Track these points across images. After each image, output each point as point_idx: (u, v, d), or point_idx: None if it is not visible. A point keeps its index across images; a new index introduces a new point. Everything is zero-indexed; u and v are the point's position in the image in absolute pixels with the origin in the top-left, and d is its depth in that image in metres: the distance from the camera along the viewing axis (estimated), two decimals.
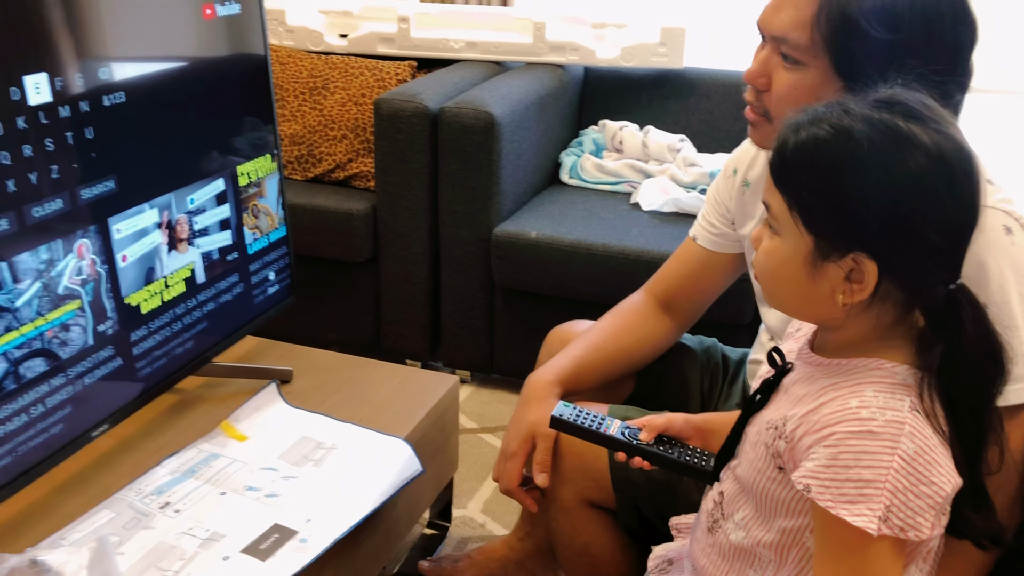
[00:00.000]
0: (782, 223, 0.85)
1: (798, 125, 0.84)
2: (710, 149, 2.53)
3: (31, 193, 1.15)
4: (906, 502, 0.79)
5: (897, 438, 0.80)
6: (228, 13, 1.46)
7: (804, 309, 0.89)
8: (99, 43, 1.24)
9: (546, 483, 1.24)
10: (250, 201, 1.56)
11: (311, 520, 1.25)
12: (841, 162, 0.80)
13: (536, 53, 2.51)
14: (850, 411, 0.82)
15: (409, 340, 2.38)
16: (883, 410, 0.81)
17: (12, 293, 1.15)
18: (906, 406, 0.81)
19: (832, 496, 0.80)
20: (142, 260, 1.35)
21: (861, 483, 0.79)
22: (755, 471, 0.91)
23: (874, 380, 0.84)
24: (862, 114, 0.81)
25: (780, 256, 0.86)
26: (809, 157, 0.82)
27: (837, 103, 0.83)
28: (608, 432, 1.09)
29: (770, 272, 0.89)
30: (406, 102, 2.18)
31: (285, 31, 2.62)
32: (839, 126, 0.81)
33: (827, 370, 0.88)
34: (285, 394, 1.57)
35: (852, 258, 0.81)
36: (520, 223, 2.21)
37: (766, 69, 1.11)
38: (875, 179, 0.79)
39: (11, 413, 1.17)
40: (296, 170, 2.48)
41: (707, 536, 1.00)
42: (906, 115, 0.81)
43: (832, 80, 1.05)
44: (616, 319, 1.42)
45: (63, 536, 1.22)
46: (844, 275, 0.82)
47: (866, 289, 0.82)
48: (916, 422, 0.81)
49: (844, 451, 0.80)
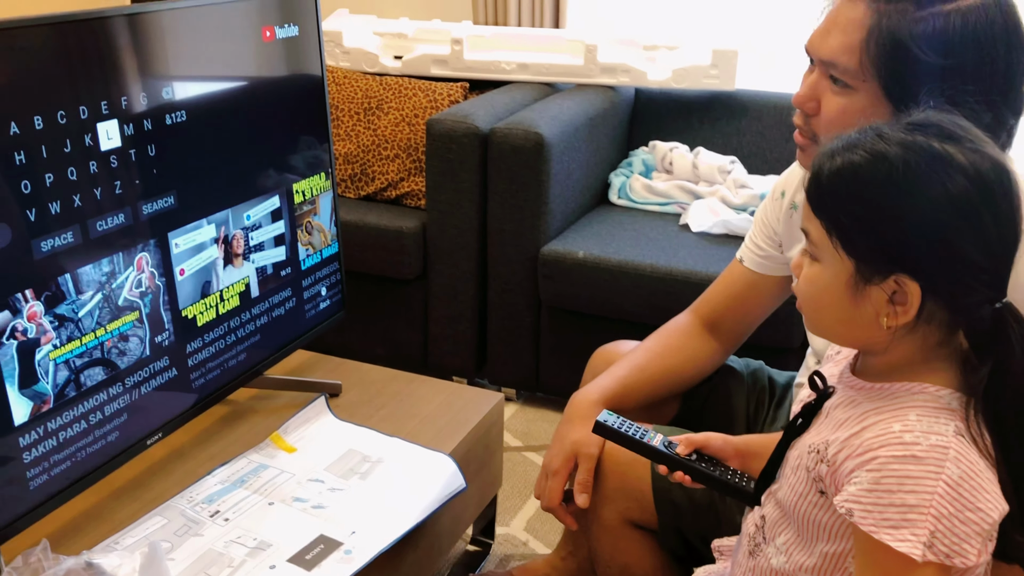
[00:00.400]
0: (822, 249, 0.85)
1: (833, 152, 0.84)
2: (761, 171, 2.51)
3: (95, 208, 1.20)
4: (952, 528, 0.78)
5: (942, 463, 0.79)
6: (287, 35, 1.50)
7: (849, 335, 0.89)
8: (163, 65, 1.29)
9: (586, 504, 1.25)
10: (304, 218, 1.60)
11: (356, 532, 1.27)
12: (878, 185, 0.80)
13: (587, 75, 2.52)
14: (893, 435, 0.81)
15: (456, 357, 2.40)
16: (927, 434, 0.80)
17: (75, 304, 1.19)
18: (950, 430, 0.81)
19: (875, 521, 0.80)
20: (199, 274, 1.39)
21: (905, 508, 0.78)
22: (796, 495, 0.91)
23: (917, 404, 0.83)
24: (896, 138, 0.81)
25: (822, 282, 0.86)
26: (845, 182, 0.82)
27: (871, 128, 0.84)
28: (651, 443, 1.08)
29: (813, 299, 0.89)
30: (457, 123, 2.22)
31: (341, 53, 2.67)
32: (874, 150, 0.81)
33: (869, 394, 0.87)
34: (333, 407, 1.60)
35: (894, 280, 0.81)
36: (568, 242, 2.22)
37: (815, 93, 1.11)
38: (912, 200, 0.79)
39: (71, 420, 1.21)
40: (349, 188, 2.53)
41: (748, 560, 1.00)
42: (941, 136, 0.81)
43: (882, 104, 1.05)
44: (661, 340, 1.42)
45: (117, 540, 1.25)
46: (887, 297, 0.82)
47: (910, 310, 0.81)
48: (961, 447, 0.80)
49: (887, 475, 0.80)
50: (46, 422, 1.17)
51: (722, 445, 1.08)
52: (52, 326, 1.16)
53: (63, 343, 1.18)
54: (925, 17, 1.00)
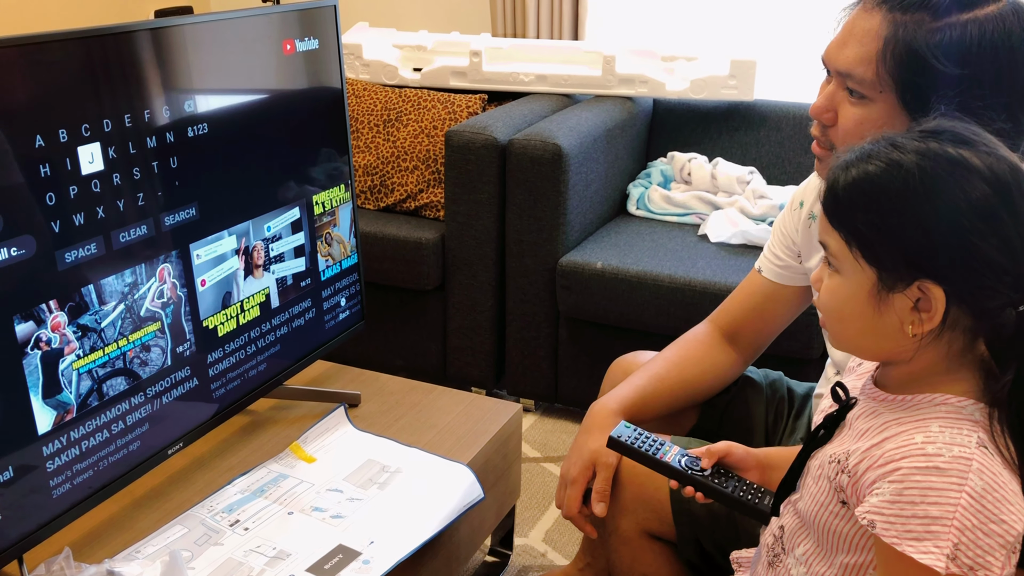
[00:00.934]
0: (842, 260, 0.85)
1: (847, 163, 0.84)
2: (780, 181, 2.51)
3: (118, 219, 1.21)
4: (975, 540, 0.77)
5: (965, 475, 0.78)
6: (307, 48, 1.51)
7: (874, 346, 0.88)
8: (185, 78, 1.31)
9: (603, 513, 1.24)
10: (324, 229, 1.61)
11: (374, 542, 1.27)
12: (896, 193, 0.80)
13: (605, 86, 2.53)
14: (915, 446, 0.81)
15: (474, 367, 2.41)
16: (949, 446, 0.80)
17: (98, 314, 1.20)
18: (973, 442, 0.80)
19: (898, 533, 0.79)
20: (220, 285, 1.40)
21: (928, 520, 0.78)
22: (817, 505, 0.91)
23: (940, 415, 0.83)
24: (911, 146, 0.81)
25: (844, 294, 0.86)
26: (863, 192, 0.82)
27: (884, 138, 0.84)
28: (664, 459, 1.08)
29: (836, 311, 0.88)
30: (476, 134, 2.23)
31: (361, 65, 2.69)
32: (889, 159, 0.81)
33: (891, 405, 0.87)
34: (352, 417, 1.60)
35: (918, 286, 0.81)
36: (586, 253, 2.22)
37: (832, 104, 1.10)
38: (932, 206, 0.79)
39: (93, 429, 1.22)
40: (369, 199, 2.54)
41: (767, 571, 0.99)
42: (955, 141, 0.81)
43: (899, 114, 1.04)
44: (680, 350, 1.41)
45: (138, 549, 1.26)
46: (911, 305, 0.82)
47: (935, 316, 0.81)
48: (984, 458, 0.79)
49: (910, 487, 0.79)
50: (69, 431, 1.19)
51: (743, 456, 1.08)
52: (75, 336, 1.18)
53: (86, 353, 1.19)
54: (942, 27, 1.00)
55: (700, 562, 1.25)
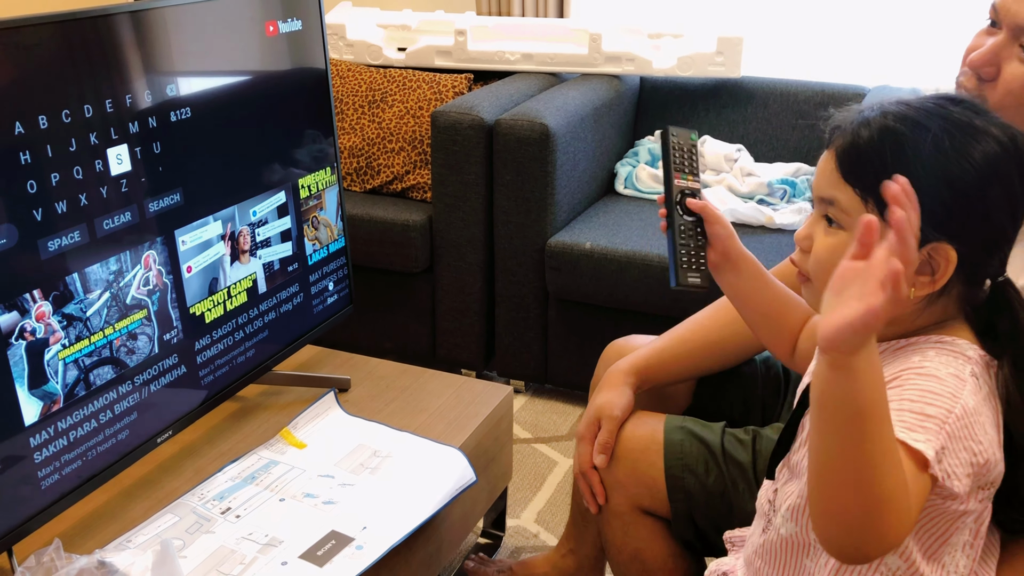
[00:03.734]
0: (853, 215, 0.84)
1: (867, 120, 0.84)
2: (768, 158, 2.50)
3: (101, 206, 1.20)
4: (957, 451, 0.79)
5: (960, 390, 0.80)
6: (290, 29, 1.49)
7: None
8: (167, 61, 1.29)
9: (604, 464, 1.24)
10: (310, 213, 1.59)
11: (367, 527, 1.27)
12: (923, 151, 0.81)
13: (592, 64, 2.51)
14: (913, 363, 0.82)
15: (464, 350, 2.40)
16: (945, 366, 0.81)
17: (83, 303, 1.19)
18: (967, 371, 0.82)
19: (894, 423, 0.78)
20: (206, 271, 1.39)
21: (924, 416, 0.78)
22: None
23: (935, 346, 0.84)
24: (931, 109, 0.83)
25: (847, 251, 0.85)
26: (889, 148, 0.82)
27: (898, 100, 0.84)
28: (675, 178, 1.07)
29: (833, 269, 0.87)
30: (462, 114, 2.21)
31: (345, 45, 2.66)
32: (913, 119, 0.82)
33: (885, 353, 0.86)
34: (343, 402, 1.60)
35: (929, 250, 0.81)
36: (575, 234, 2.22)
37: (997, 58, 1.03)
38: (956, 166, 0.80)
39: (81, 419, 1.21)
40: (355, 182, 2.52)
41: (761, 537, 1.00)
42: (974, 110, 0.83)
43: None
44: (711, 312, 1.38)
45: (129, 539, 1.25)
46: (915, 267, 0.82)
47: (940, 279, 0.81)
48: (974, 386, 0.81)
49: (909, 388, 0.80)
50: (56, 422, 1.17)
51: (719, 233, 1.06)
52: (60, 326, 1.16)
53: (72, 342, 1.18)
54: None
55: (693, 539, 1.26)
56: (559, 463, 2.10)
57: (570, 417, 2.29)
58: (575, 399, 2.36)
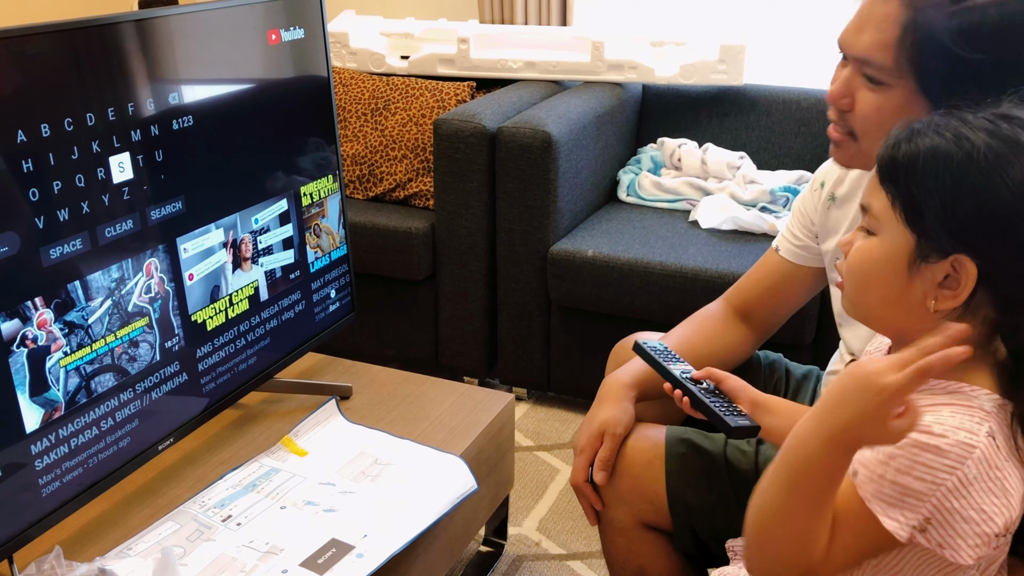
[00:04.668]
0: (883, 222, 0.84)
1: (913, 131, 0.83)
2: (770, 166, 2.50)
3: (103, 214, 1.20)
4: (951, 523, 0.78)
5: (963, 460, 0.78)
6: (293, 38, 1.50)
7: (891, 316, 0.87)
8: (170, 70, 1.29)
9: (603, 481, 1.24)
10: (312, 221, 1.59)
11: (368, 535, 1.27)
12: (957, 163, 0.80)
13: (594, 72, 2.51)
14: (923, 425, 0.80)
15: (466, 357, 2.40)
16: (956, 430, 0.79)
17: (85, 310, 1.19)
18: (983, 431, 0.79)
19: (873, 491, 0.80)
20: (208, 278, 1.39)
21: (907, 492, 0.78)
22: None
23: (953, 402, 0.82)
24: (980, 124, 0.81)
25: (876, 255, 0.85)
26: (924, 156, 0.81)
27: (955, 114, 0.83)
28: (669, 367, 1.15)
29: (863, 273, 0.87)
30: (465, 122, 2.21)
31: (348, 53, 2.67)
32: (958, 132, 0.81)
33: None
34: (344, 410, 1.60)
35: (952, 262, 0.80)
36: (577, 241, 2.21)
37: (849, 89, 1.09)
38: (990, 180, 0.79)
39: (82, 426, 1.21)
40: (357, 189, 2.53)
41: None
42: (1023, 126, 0.81)
43: (918, 100, 1.03)
44: (693, 325, 1.41)
45: (130, 546, 1.25)
46: (940, 280, 0.81)
47: (961, 294, 0.81)
48: (989, 450, 0.79)
49: (903, 456, 0.79)
50: (57, 429, 1.17)
51: (737, 385, 1.09)
52: (62, 333, 1.16)
53: (73, 350, 1.18)
54: (960, 11, 0.99)
55: (696, 552, 1.25)
56: (561, 471, 2.10)
57: (572, 425, 2.29)
58: (577, 407, 2.36)
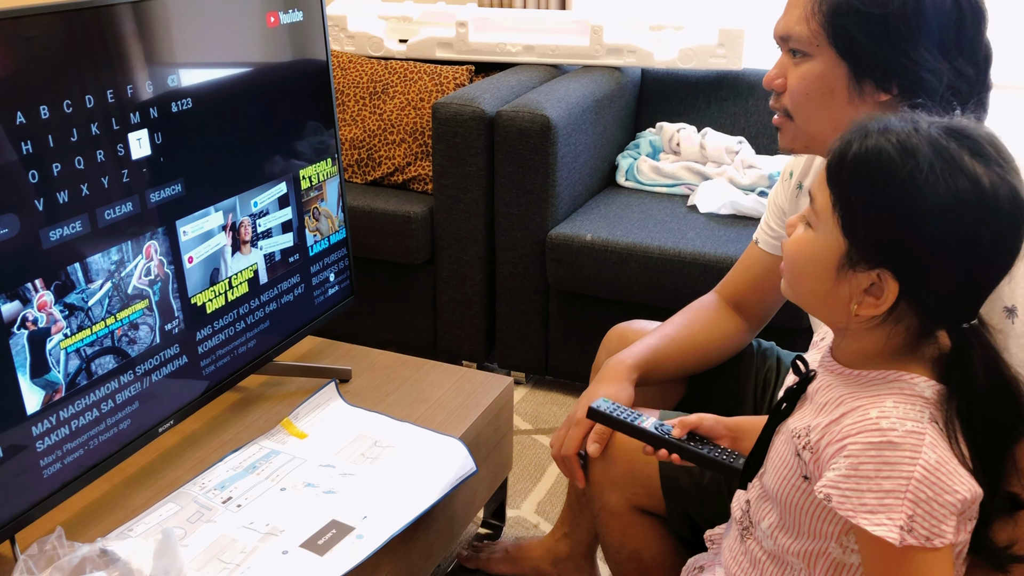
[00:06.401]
0: (822, 220, 0.85)
1: (867, 131, 0.83)
2: (769, 151, 2.50)
3: (103, 197, 1.20)
4: (930, 511, 0.79)
5: (918, 448, 0.80)
6: (291, 20, 1.49)
7: (819, 307, 0.89)
8: (169, 52, 1.29)
9: (597, 453, 1.25)
10: (311, 204, 1.59)
11: (367, 517, 1.28)
12: (897, 179, 0.80)
13: (593, 56, 2.51)
14: (870, 422, 0.82)
15: (465, 341, 2.40)
16: (903, 420, 0.81)
17: (85, 293, 1.19)
18: (926, 417, 0.82)
19: (853, 506, 0.81)
20: (207, 261, 1.39)
21: (882, 493, 0.79)
22: (780, 479, 0.92)
23: (894, 392, 0.84)
24: (930, 137, 0.80)
25: (810, 250, 0.86)
26: (868, 165, 0.82)
27: (910, 118, 0.83)
28: (642, 425, 1.11)
29: (797, 264, 0.89)
30: (463, 106, 2.21)
31: (346, 37, 2.66)
32: (906, 143, 0.80)
33: (847, 379, 0.88)
34: (344, 393, 1.60)
35: (878, 273, 0.82)
36: (575, 226, 2.22)
37: (782, 71, 1.15)
38: (924, 203, 0.79)
39: (83, 408, 1.22)
40: (356, 173, 2.52)
41: (738, 544, 1.00)
42: (972, 151, 0.80)
43: (839, 66, 1.09)
44: (689, 315, 1.42)
45: (130, 528, 1.26)
46: (865, 287, 0.83)
47: (881, 306, 0.82)
48: (935, 432, 0.81)
49: (864, 462, 0.80)
50: (58, 411, 1.18)
51: (713, 425, 1.09)
52: (62, 315, 1.17)
53: (73, 332, 1.19)
54: None
55: (691, 536, 1.26)
56: None
57: (570, 408, 2.29)
58: (575, 390, 2.37)
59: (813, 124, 1.13)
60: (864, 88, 1.08)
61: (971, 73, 1.05)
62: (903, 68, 1.05)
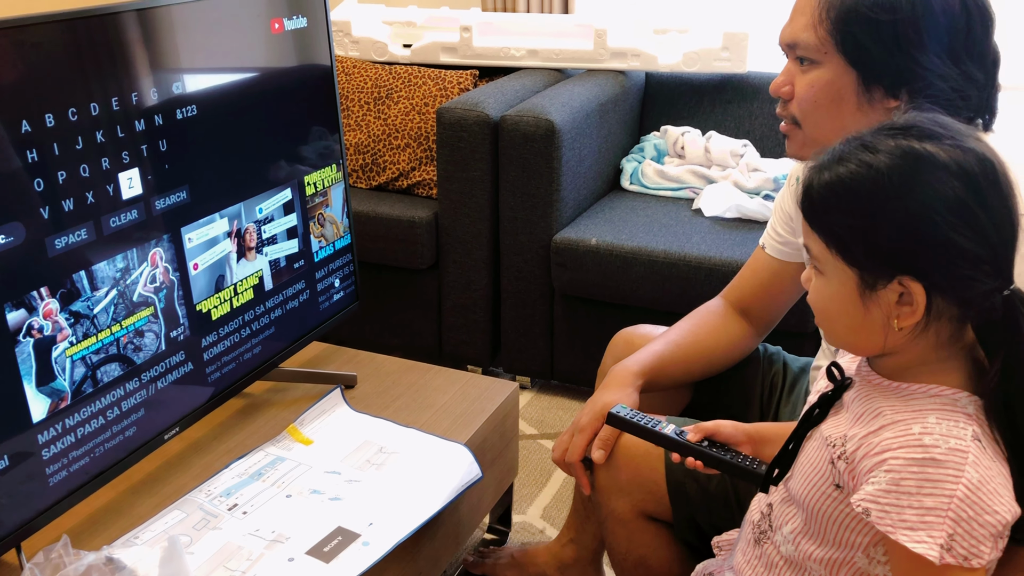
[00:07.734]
0: (824, 262, 0.86)
1: (821, 166, 0.85)
2: (774, 154, 2.50)
3: (108, 204, 1.20)
4: (970, 531, 0.78)
5: (961, 467, 0.79)
6: (296, 27, 1.49)
7: (864, 342, 0.88)
8: (173, 59, 1.29)
9: (601, 460, 1.25)
10: (316, 210, 1.59)
11: (373, 523, 1.28)
12: (867, 194, 0.81)
13: (597, 60, 2.51)
14: (913, 437, 0.81)
15: (470, 346, 2.40)
16: (946, 438, 0.80)
17: (91, 300, 1.19)
18: (968, 435, 0.81)
19: (892, 522, 0.80)
20: (212, 268, 1.39)
21: (923, 510, 0.79)
22: (810, 485, 0.91)
23: (936, 407, 0.83)
24: (881, 145, 0.82)
25: (828, 293, 0.87)
26: (836, 195, 0.83)
27: (855, 139, 0.84)
28: (663, 431, 1.11)
29: (823, 310, 0.89)
30: (468, 111, 2.21)
31: (350, 42, 2.66)
32: (860, 160, 0.82)
33: (886, 391, 0.87)
34: (349, 399, 1.60)
35: (899, 282, 0.81)
36: (580, 230, 2.21)
37: (789, 79, 1.15)
38: (902, 204, 0.79)
39: (88, 416, 1.22)
40: (360, 178, 2.52)
41: (753, 548, 1.00)
42: (920, 136, 0.81)
43: (847, 73, 1.08)
44: (695, 320, 1.42)
45: (136, 535, 1.26)
46: (896, 299, 0.82)
47: (918, 310, 0.82)
48: (978, 451, 0.80)
49: (906, 477, 0.80)
50: (64, 419, 1.18)
51: (732, 432, 1.08)
52: (68, 323, 1.17)
53: (79, 340, 1.19)
54: None
55: (697, 542, 1.25)
56: None
57: (576, 413, 2.29)
58: (581, 395, 2.37)
59: (822, 131, 1.12)
60: (873, 95, 1.08)
61: (980, 77, 1.05)
62: (913, 74, 1.05)
